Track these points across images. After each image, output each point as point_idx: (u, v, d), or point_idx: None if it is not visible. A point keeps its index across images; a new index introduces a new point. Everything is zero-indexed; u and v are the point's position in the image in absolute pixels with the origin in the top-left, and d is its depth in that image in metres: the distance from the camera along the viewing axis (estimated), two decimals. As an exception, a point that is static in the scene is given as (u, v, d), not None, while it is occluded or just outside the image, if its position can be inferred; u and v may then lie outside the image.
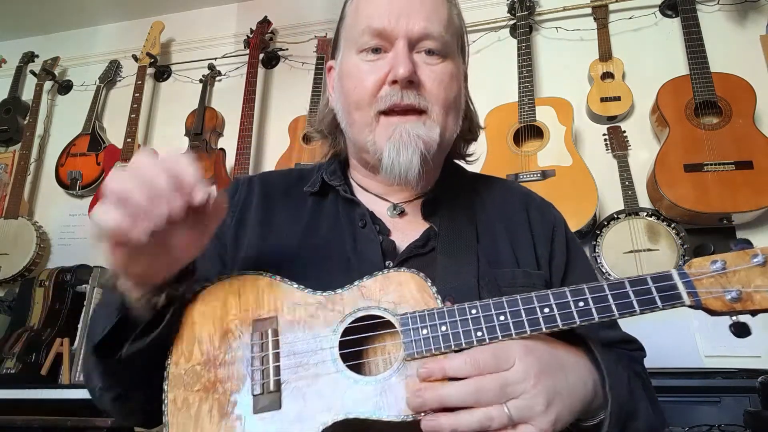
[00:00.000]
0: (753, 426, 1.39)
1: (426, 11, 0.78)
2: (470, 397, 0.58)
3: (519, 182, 2.07)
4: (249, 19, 2.90)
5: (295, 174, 0.96)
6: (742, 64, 2.15)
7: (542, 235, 0.87)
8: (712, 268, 0.60)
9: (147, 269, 0.63)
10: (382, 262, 0.79)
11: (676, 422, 1.52)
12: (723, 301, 0.59)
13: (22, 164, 2.87)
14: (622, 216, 2.07)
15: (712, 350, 1.90)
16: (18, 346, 2.23)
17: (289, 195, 0.90)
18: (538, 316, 0.62)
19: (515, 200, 0.92)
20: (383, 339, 0.68)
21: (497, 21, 2.59)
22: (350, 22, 0.85)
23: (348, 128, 0.85)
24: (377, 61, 0.79)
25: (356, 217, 0.84)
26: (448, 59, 0.81)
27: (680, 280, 0.60)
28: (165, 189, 0.56)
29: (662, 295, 0.60)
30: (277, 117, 2.82)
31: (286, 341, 0.66)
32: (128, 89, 2.93)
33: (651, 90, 2.18)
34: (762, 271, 0.58)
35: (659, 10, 2.42)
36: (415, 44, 0.79)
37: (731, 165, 1.91)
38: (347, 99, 0.82)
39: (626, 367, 0.72)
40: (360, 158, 0.88)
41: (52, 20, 3.22)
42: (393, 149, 0.77)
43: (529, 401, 0.58)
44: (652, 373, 1.58)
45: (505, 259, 0.82)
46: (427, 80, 0.78)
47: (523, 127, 2.20)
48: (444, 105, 0.80)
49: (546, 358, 0.62)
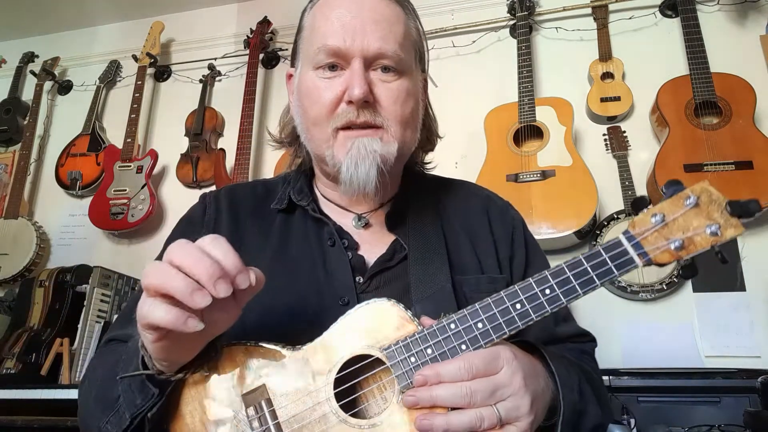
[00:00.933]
0: (753, 426, 1.39)
1: (381, 30, 0.78)
2: (463, 399, 0.61)
3: (519, 182, 2.08)
4: (249, 20, 2.90)
5: (260, 189, 0.95)
6: (742, 64, 2.15)
7: (503, 237, 0.89)
8: (653, 222, 0.61)
9: (187, 352, 0.63)
10: (353, 280, 0.80)
11: (676, 422, 1.53)
12: (669, 252, 0.61)
13: (22, 164, 2.87)
14: (622, 216, 2.07)
15: (712, 350, 1.90)
16: (18, 346, 2.23)
17: (257, 213, 0.90)
18: (513, 314, 0.63)
19: (476, 204, 0.94)
20: (376, 376, 0.68)
21: (497, 21, 2.59)
22: (306, 37, 0.85)
23: (308, 142, 0.86)
24: (334, 79, 0.79)
25: (325, 235, 0.85)
26: (405, 75, 0.81)
27: (629, 244, 0.62)
28: (208, 279, 0.55)
29: (617, 263, 0.62)
30: (277, 117, 2.75)
31: (281, 406, 0.65)
32: (128, 89, 2.93)
33: (651, 90, 2.18)
34: (696, 212, 0.60)
35: (659, 10, 2.42)
36: (372, 62, 0.79)
37: (731, 165, 1.91)
38: (306, 115, 0.83)
39: (576, 371, 0.75)
40: (321, 169, 0.89)
41: (52, 20, 3.21)
42: (351, 163, 0.78)
43: (517, 402, 0.61)
44: (653, 373, 1.60)
45: (469, 266, 0.84)
46: (382, 97, 0.79)
47: (523, 127, 2.19)
48: (400, 121, 0.81)
49: (526, 363, 0.65)
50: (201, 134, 2.75)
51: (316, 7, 0.84)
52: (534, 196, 2.04)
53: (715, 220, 0.60)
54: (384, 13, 0.80)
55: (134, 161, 2.69)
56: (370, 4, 0.80)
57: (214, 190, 0.94)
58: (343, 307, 0.76)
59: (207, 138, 2.76)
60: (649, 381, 1.60)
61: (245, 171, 2.52)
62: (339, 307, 0.77)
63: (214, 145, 2.80)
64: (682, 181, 0.63)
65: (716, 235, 0.59)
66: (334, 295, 0.79)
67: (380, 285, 0.81)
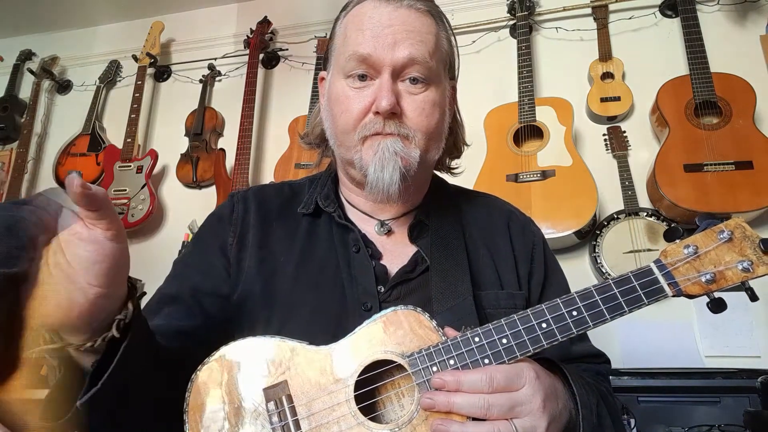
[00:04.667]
0: (753, 426, 1.39)
1: (411, 40, 0.80)
2: (480, 410, 0.61)
3: (519, 182, 2.08)
4: (249, 20, 2.90)
5: (287, 191, 0.97)
6: (742, 64, 2.15)
7: (523, 253, 0.90)
8: (685, 253, 0.62)
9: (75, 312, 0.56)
10: (375, 287, 0.81)
11: (676, 422, 1.53)
12: (700, 284, 0.61)
13: (19, 162, 2.87)
14: (622, 216, 2.07)
15: (712, 350, 1.90)
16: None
17: (283, 215, 0.92)
18: (538, 333, 0.64)
19: (498, 219, 0.94)
20: (395, 383, 0.68)
21: (497, 21, 2.59)
22: (339, 45, 0.86)
23: (336, 146, 0.88)
24: (363, 90, 0.81)
25: (350, 241, 0.86)
26: (432, 86, 0.83)
27: (660, 273, 0.63)
28: None
29: (646, 291, 0.63)
30: (277, 117, 2.82)
31: (301, 403, 0.66)
32: (128, 89, 2.93)
33: (651, 90, 2.18)
34: (729, 246, 0.61)
35: (659, 10, 2.42)
36: (400, 72, 0.81)
37: (731, 165, 1.91)
38: (335, 122, 0.85)
39: (594, 393, 0.75)
40: (347, 173, 0.91)
41: (52, 19, 3.21)
42: (378, 164, 0.79)
43: (535, 422, 0.61)
44: (653, 373, 1.60)
45: (489, 281, 0.85)
46: (409, 109, 0.81)
47: (523, 127, 2.19)
48: (425, 132, 0.82)
49: (548, 384, 0.65)
50: (201, 134, 2.75)
51: (349, 16, 0.86)
52: (534, 196, 2.04)
53: (747, 257, 0.61)
54: (415, 25, 0.81)
55: (134, 161, 2.69)
56: (403, 16, 0.81)
57: (242, 190, 0.96)
58: (366, 313, 0.77)
59: (207, 138, 2.76)
60: (649, 381, 1.60)
61: (245, 171, 2.52)
62: (362, 312, 0.79)
63: (214, 145, 2.80)
64: (715, 220, 0.64)
65: (748, 272, 0.60)
66: (357, 300, 0.80)
67: (401, 295, 0.82)
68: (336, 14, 0.91)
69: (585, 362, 0.88)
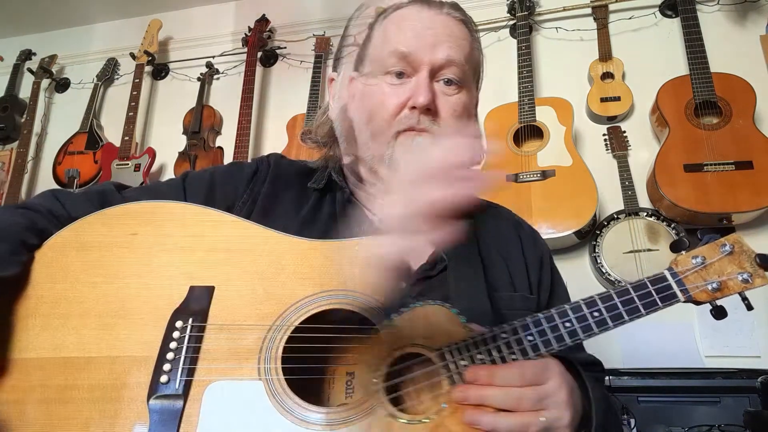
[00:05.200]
0: (753, 426, 1.39)
1: (450, 43, 0.85)
2: (511, 403, 0.63)
3: (519, 182, 2.08)
4: (247, 17, 2.89)
5: (303, 168, 0.99)
6: (742, 64, 2.15)
7: (533, 261, 0.93)
8: (693, 263, 0.69)
9: None
10: None
11: (676, 422, 1.53)
12: (707, 292, 0.68)
13: (19, 162, 2.85)
14: (622, 216, 2.06)
15: (712, 350, 1.90)
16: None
17: (295, 186, 0.93)
18: (562, 332, 0.67)
19: (507, 227, 0.97)
20: (424, 375, 0.68)
21: (497, 21, 2.59)
22: (377, 45, 0.89)
23: (361, 144, 0.89)
24: (400, 86, 0.84)
25: (359, 217, 0.87)
26: (464, 90, 0.87)
27: (673, 280, 0.69)
28: None
29: (661, 296, 0.68)
30: (275, 115, 2.81)
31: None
32: (126, 87, 2.91)
33: (651, 90, 2.18)
34: (730, 259, 0.69)
35: (659, 10, 2.42)
36: (437, 72, 0.84)
37: (731, 165, 1.91)
38: (370, 116, 0.86)
39: (600, 388, 0.78)
40: (353, 171, 0.93)
41: (50, 18, 3.20)
42: None
43: (560, 414, 0.65)
44: (653, 373, 1.60)
45: (502, 283, 0.87)
46: (442, 109, 0.84)
47: (523, 127, 2.19)
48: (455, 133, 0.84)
49: (570, 379, 0.69)
50: (199, 132, 2.74)
51: (390, 17, 0.90)
52: (534, 196, 2.03)
53: (746, 269, 0.68)
54: (454, 30, 0.87)
55: (132, 159, 2.68)
56: (443, 21, 0.86)
57: (264, 155, 0.99)
58: None
59: (205, 136, 2.75)
60: (649, 381, 1.59)
61: (244, 170, 2.51)
62: None
63: (212, 144, 2.79)
64: (716, 235, 0.71)
65: (747, 282, 0.67)
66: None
67: (423, 291, 0.82)
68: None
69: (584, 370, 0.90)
